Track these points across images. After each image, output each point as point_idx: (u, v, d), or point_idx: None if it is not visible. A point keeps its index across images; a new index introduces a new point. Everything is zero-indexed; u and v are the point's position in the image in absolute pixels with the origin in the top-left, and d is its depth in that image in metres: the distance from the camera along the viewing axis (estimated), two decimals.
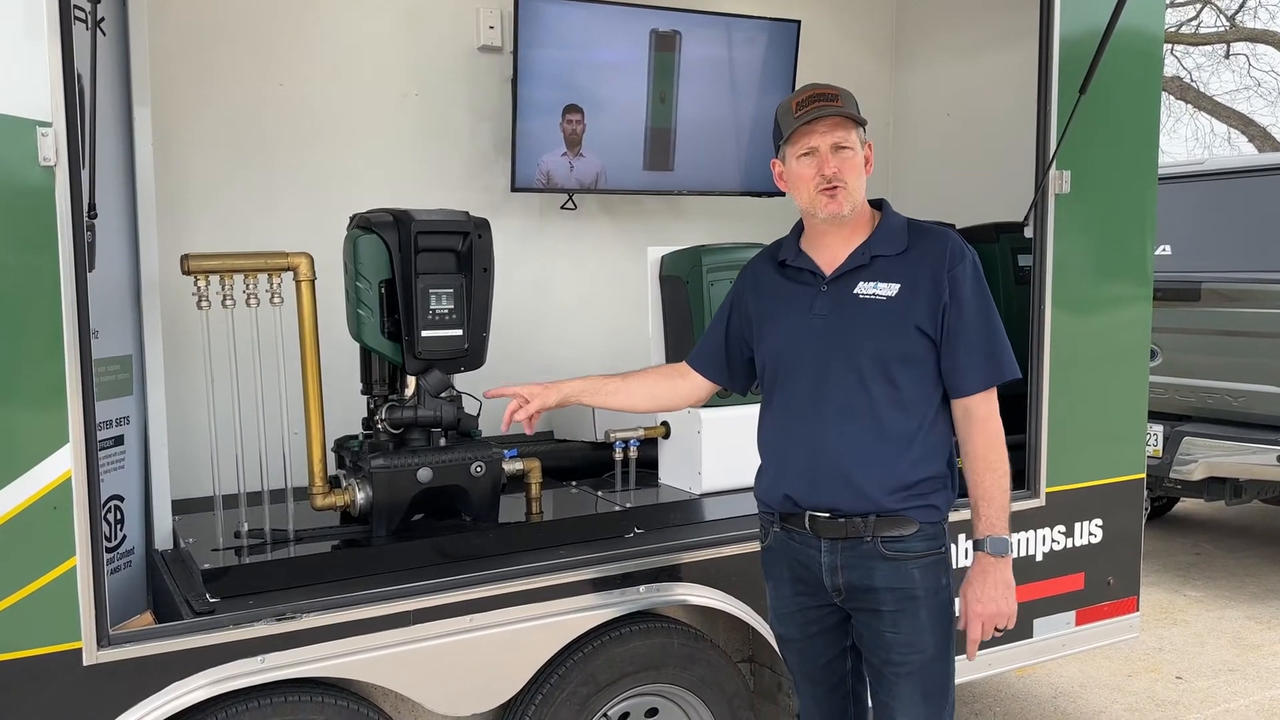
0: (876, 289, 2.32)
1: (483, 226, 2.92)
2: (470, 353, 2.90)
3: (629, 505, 3.22)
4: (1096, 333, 3.62)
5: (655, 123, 4.11)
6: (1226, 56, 15.90)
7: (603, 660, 2.80)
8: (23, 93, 2.11)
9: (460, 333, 2.85)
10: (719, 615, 3.03)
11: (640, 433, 3.45)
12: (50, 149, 2.12)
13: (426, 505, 2.92)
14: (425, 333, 2.80)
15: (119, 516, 2.76)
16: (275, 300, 2.78)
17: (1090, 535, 3.66)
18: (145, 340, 2.88)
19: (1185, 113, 16.02)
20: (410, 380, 2.87)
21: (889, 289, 2.31)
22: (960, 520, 2.56)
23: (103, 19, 2.64)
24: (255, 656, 2.39)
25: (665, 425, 3.51)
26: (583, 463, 3.65)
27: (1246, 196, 5.86)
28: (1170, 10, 14.25)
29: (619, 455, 3.43)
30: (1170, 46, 14.81)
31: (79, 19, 2.33)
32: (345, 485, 2.88)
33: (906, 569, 2.31)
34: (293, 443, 2.86)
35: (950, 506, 2.39)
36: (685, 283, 3.49)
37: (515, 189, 3.92)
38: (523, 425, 2.57)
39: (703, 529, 3.09)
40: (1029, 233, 3.49)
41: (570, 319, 4.19)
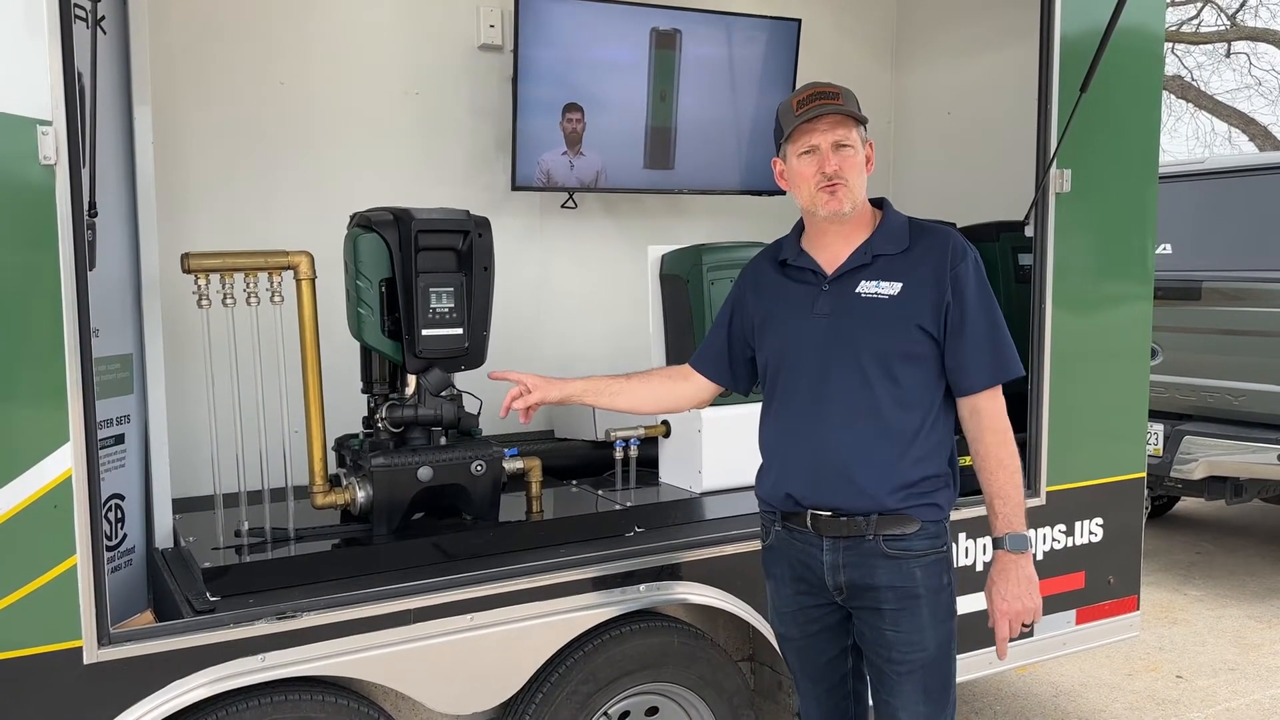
0: (879, 288, 2.32)
1: (483, 225, 2.92)
2: (471, 351, 2.90)
3: (629, 504, 3.22)
4: (1097, 331, 3.61)
5: (656, 121, 4.11)
6: (1227, 55, 15.90)
7: (603, 659, 2.80)
8: (23, 91, 2.11)
9: (461, 331, 2.85)
10: (719, 614, 3.03)
11: (641, 432, 3.45)
12: (50, 147, 2.12)
13: (427, 504, 2.92)
14: (425, 331, 2.80)
15: (119, 515, 2.76)
16: (276, 299, 2.78)
17: (1091, 534, 3.66)
18: (146, 339, 2.88)
19: (1186, 112, 16.02)
20: (410, 379, 2.87)
21: (891, 288, 2.31)
22: (961, 519, 2.56)
23: (103, 17, 2.64)
24: (256, 655, 2.39)
25: (666, 424, 3.51)
26: (583, 462, 3.65)
27: (1247, 195, 5.85)
28: (1171, 9, 14.24)
29: (619, 454, 3.43)
30: (1171, 45, 14.81)
31: (79, 17, 2.32)
32: (346, 484, 2.88)
33: (908, 567, 2.31)
34: (293, 441, 2.86)
35: (952, 505, 2.39)
36: (686, 281, 3.49)
37: (516, 187, 3.92)
38: (519, 414, 2.57)
39: (703, 528, 3.10)
40: (1029, 231, 3.49)
41: (570, 318, 4.19)
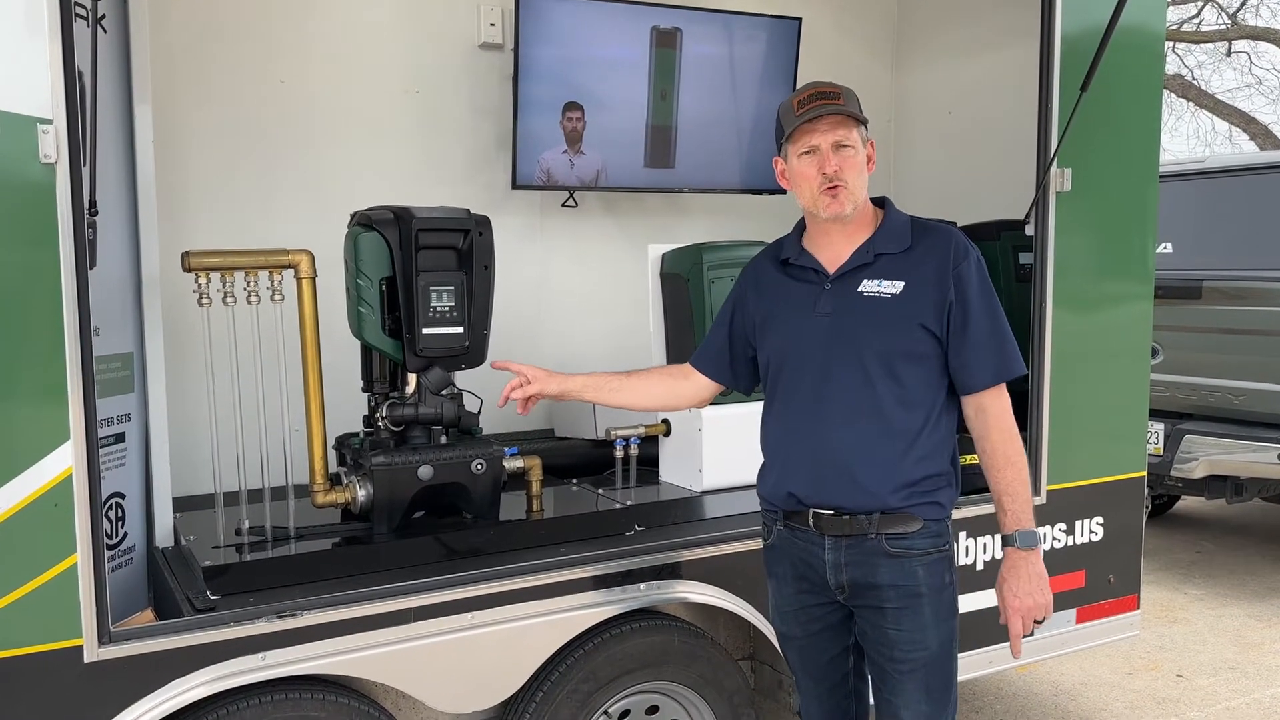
0: (881, 286, 2.32)
1: (483, 224, 2.91)
2: (471, 350, 2.90)
3: (630, 503, 3.22)
4: (1098, 330, 3.61)
5: (656, 120, 4.11)
6: (1228, 54, 15.89)
7: (603, 658, 2.80)
8: (23, 90, 2.11)
9: (461, 330, 2.84)
10: (719, 613, 3.03)
11: (641, 430, 3.45)
12: (51, 146, 2.12)
13: (427, 503, 2.92)
14: (426, 330, 2.80)
15: (120, 514, 2.76)
16: (276, 297, 2.78)
17: (1091, 533, 3.66)
18: (146, 337, 2.88)
19: (1186, 111, 16.01)
20: (411, 378, 2.87)
21: (893, 286, 2.31)
22: (961, 518, 2.56)
23: (103, 16, 2.64)
24: (256, 654, 2.39)
25: (666, 423, 3.51)
26: (583, 460, 3.65)
27: (1248, 194, 5.85)
28: (1171, 8, 14.23)
29: (619, 453, 3.43)
30: (1172, 44, 14.80)
31: (80, 16, 2.32)
32: (346, 483, 2.88)
33: (910, 566, 2.31)
34: (294, 440, 2.86)
35: (954, 504, 2.39)
36: (686, 280, 3.49)
37: (516, 186, 3.92)
38: (517, 405, 2.56)
39: (703, 527, 3.10)
40: (1030, 230, 3.49)
41: (571, 316, 4.19)
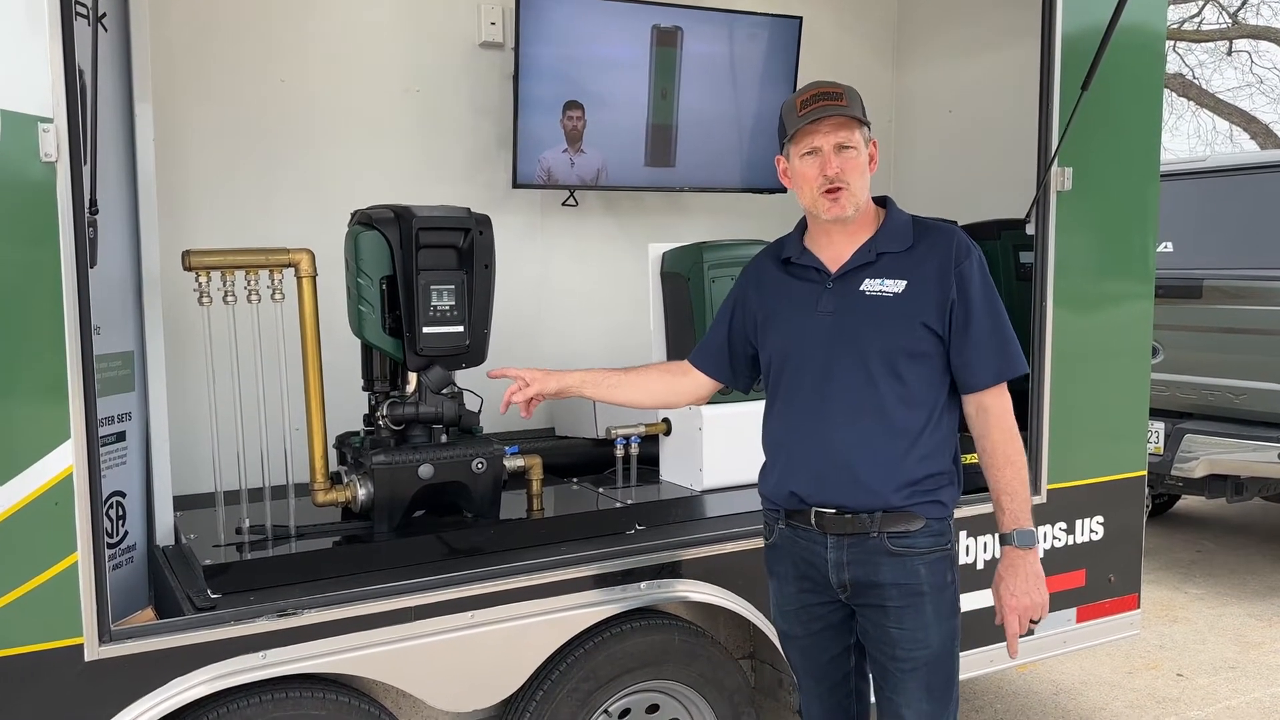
0: (883, 285, 2.32)
1: (484, 223, 2.91)
2: (471, 349, 2.90)
3: (630, 502, 3.22)
4: (1098, 330, 3.61)
5: (656, 119, 4.11)
6: (1229, 54, 15.88)
7: (604, 657, 2.80)
8: (24, 88, 2.10)
9: (461, 329, 2.85)
10: (720, 612, 3.03)
11: (641, 429, 3.45)
12: (51, 144, 2.12)
13: (428, 501, 2.92)
14: (426, 329, 2.80)
15: (120, 512, 2.76)
16: (277, 296, 2.78)
17: (1091, 532, 3.66)
18: (147, 336, 2.88)
19: (1187, 110, 16.01)
20: (411, 376, 2.87)
21: (895, 285, 2.31)
22: (962, 517, 2.56)
23: (104, 14, 2.64)
24: (257, 652, 2.39)
25: (666, 422, 3.51)
26: (584, 459, 3.65)
27: (1248, 194, 5.85)
28: (1172, 7, 14.23)
29: (620, 452, 3.43)
30: (1172, 43, 14.79)
31: (80, 14, 2.33)
32: (347, 481, 2.88)
33: (912, 565, 2.31)
34: (294, 439, 2.86)
35: (956, 502, 2.40)
36: (686, 279, 3.49)
37: (516, 185, 3.92)
38: (520, 409, 2.57)
39: (704, 526, 3.10)
40: (1031, 230, 3.49)
41: (571, 315, 4.19)
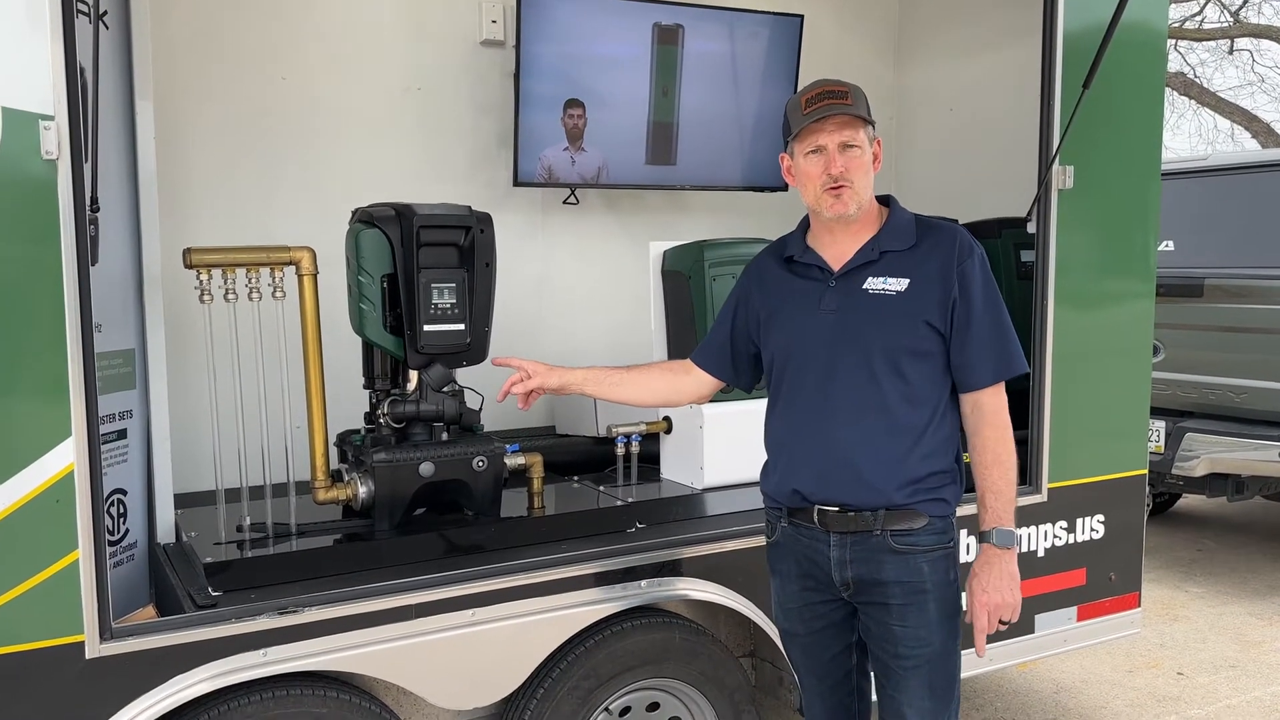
0: (886, 284, 2.32)
1: (485, 221, 2.92)
2: (472, 347, 2.90)
3: (631, 500, 3.22)
4: (1099, 328, 3.61)
5: (657, 117, 4.11)
6: (1230, 52, 15.86)
7: (604, 655, 2.80)
8: (25, 86, 2.11)
9: (462, 327, 2.85)
10: (720, 610, 3.03)
11: (642, 428, 3.45)
12: (52, 142, 2.12)
13: (428, 500, 2.92)
14: (427, 327, 2.80)
15: (122, 510, 2.76)
16: (277, 294, 2.78)
17: (1092, 531, 3.66)
18: (148, 334, 2.88)
19: (1188, 108, 16.00)
20: (412, 374, 2.88)
21: (898, 284, 2.31)
22: (965, 515, 2.56)
23: (105, 12, 2.64)
24: (257, 650, 2.39)
25: (667, 420, 3.51)
26: (584, 458, 3.65)
27: (1249, 192, 5.85)
28: (1174, 6, 14.21)
29: (621, 450, 3.43)
30: (1174, 42, 14.78)
31: (81, 12, 2.32)
32: (347, 479, 2.88)
33: (915, 563, 2.31)
34: (295, 437, 2.86)
35: (959, 501, 2.40)
36: (687, 278, 3.49)
37: (517, 183, 3.92)
38: (517, 400, 2.57)
39: (704, 524, 3.09)
40: (1032, 228, 3.48)
41: (572, 314, 4.19)
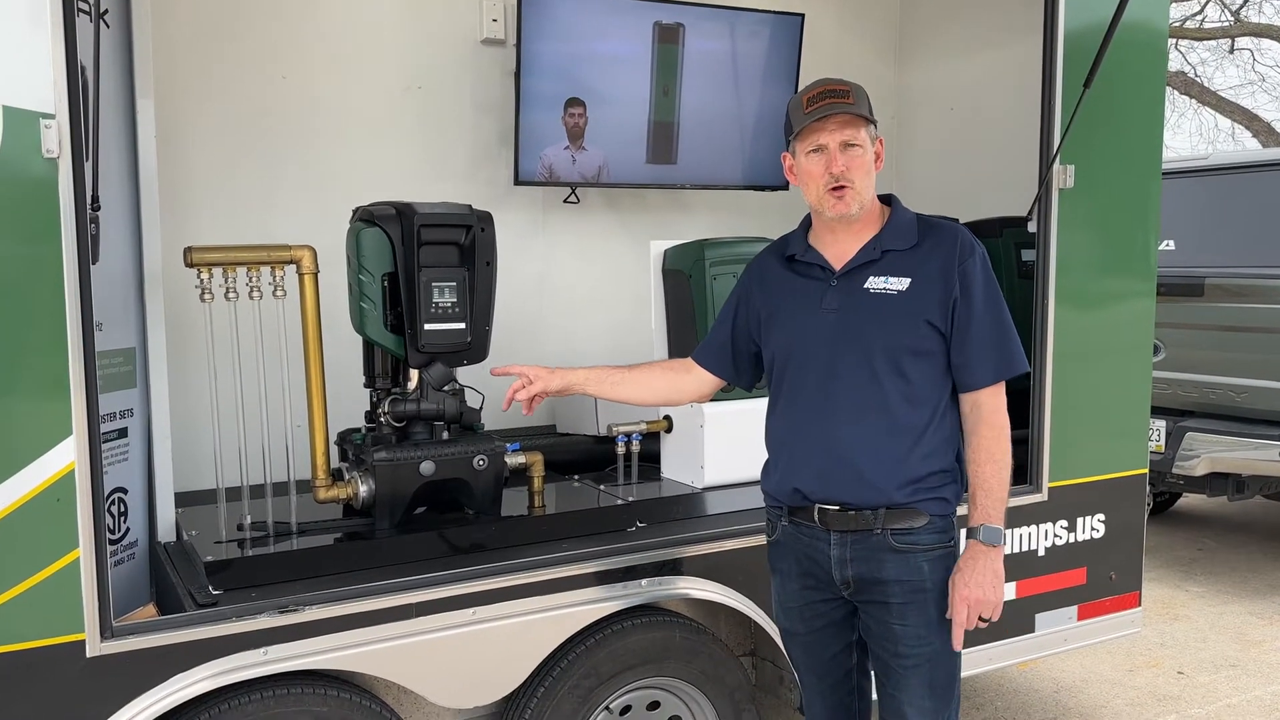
0: (888, 283, 2.32)
1: (485, 220, 2.92)
2: (473, 346, 2.90)
3: (631, 499, 3.22)
4: (1100, 327, 3.61)
5: (658, 116, 4.11)
6: (1231, 51, 15.86)
7: (605, 654, 2.80)
8: (26, 84, 2.11)
9: (463, 326, 2.85)
10: (721, 609, 3.03)
11: (643, 427, 3.45)
12: (53, 141, 2.12)
13: (429, 498, 2.92)
14: (428, 326, 2.80)
15: (122, 509, 2.76)
16: (278, 293, 2.78)
17: (1093, 530, 3.66)
18: (148, 333, 2.88)
19: (1189, 108, 15.99)
20: (413, 373, 2.88)
21: (900, 283, 2.31)
22: (965, 514, 2.56)
23: (106, 11, 2.64)
24: (258, 649, 2.39)
25: (668, 419, 3.51)
26: (585, 457, 3.65)
27: (1250, 192, 5.84)
28: (1175, 5, 14.21)
29: (621, 449, 3.43)
30: (1175, 41, 14.78)
31: (82, 11, 2.32)
32: (348, 478, 2.88)
33: (916, 561, 2.32)
34: (295, 435, 2.86)
35: (959, 500, 2.40)
36: (688, 276, 3.49)
37: (518, 182, 3.92)
38: (522, 406, 2.57)
39: (705, 523, 3.09)
40: (1032, 227, 3.48)
41: (572, 312, 4.19)
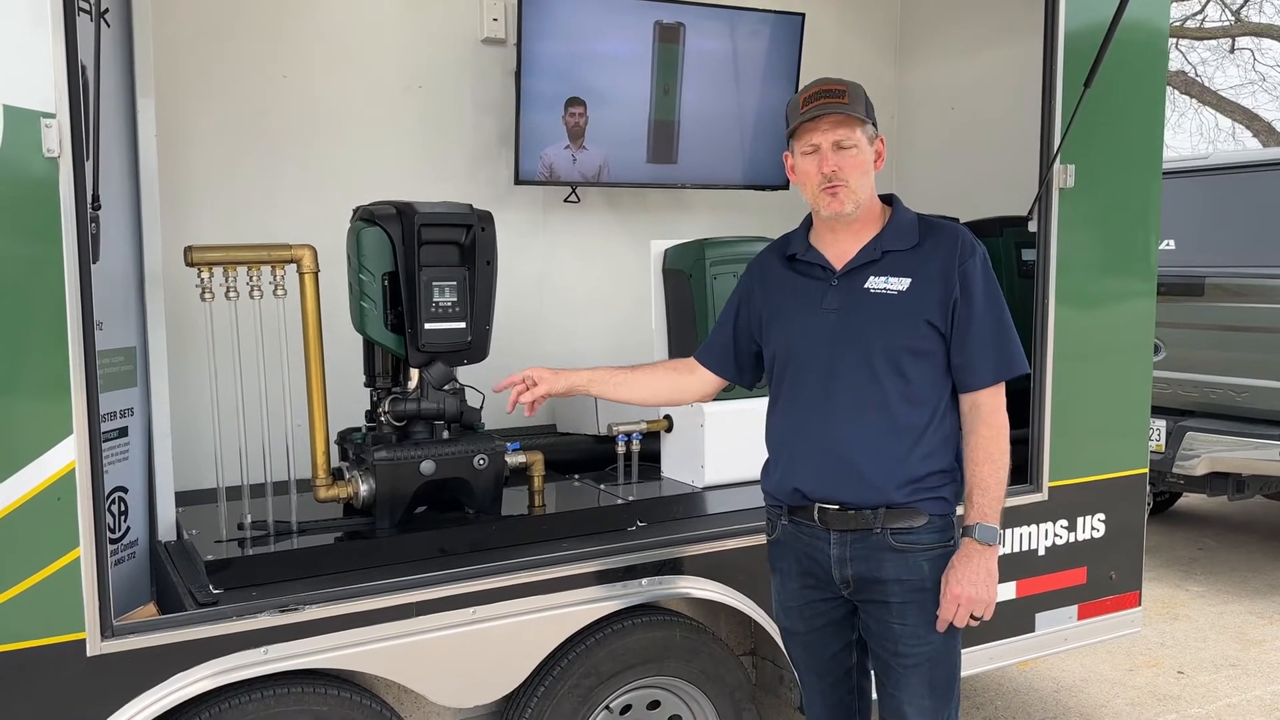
0: (888, 283, 2.32)
1: (486, 219, 2.92)
2: (473, 346, 2.90)
3: (631, 499, 3.22)
4: (1100, 327, 3.61)
5: (659, 115, 4.11)
6: (1231, 51, 15.85)
7: (605, 653, 2.80)
8: (27, 84, 2.11)
9: (463, 325, 2.85)
10: (721, 608, 3.03)
11: (643, 426, 3.45)
12: (54, 140, 2.12)
13: (429, 498, 2.92)
14: (428, 325, 2.80)
15: (123, 508, 2.76)
16: (279, 292, 2.78)
17: (1093, 530, 3.66)
18: (149, 332, 2.88)
19: (1190, 107, 15.99)
20: (413, 373, 2.88)
21: (900, 283, 2.32)
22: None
23: (106, 10, 2.64)
24: (259, 648, 2.39)
25: (668, 419, 3.51)
26: (585, 456, 3.65)
27: (1250, 191, 5.84)
28: (1175, 4, 14.19)
29: (621, 449, 3.43)
30: (1175, 41, 14.77)
31: (83, 10, 2.33)
32: (348, 477, 2.88)
33: (915, 561, 2.32)
34: (296, 435, 2.86)
35: (959, 500, 2.40)
36: (688, 276, 3.49)
37: (518, 182, 3.92)
38: (524, 408, 2.57)
39: (705, 522, 3.09)
40: (1033, 227, 3.48)
41: (573, 312, 4.19)
